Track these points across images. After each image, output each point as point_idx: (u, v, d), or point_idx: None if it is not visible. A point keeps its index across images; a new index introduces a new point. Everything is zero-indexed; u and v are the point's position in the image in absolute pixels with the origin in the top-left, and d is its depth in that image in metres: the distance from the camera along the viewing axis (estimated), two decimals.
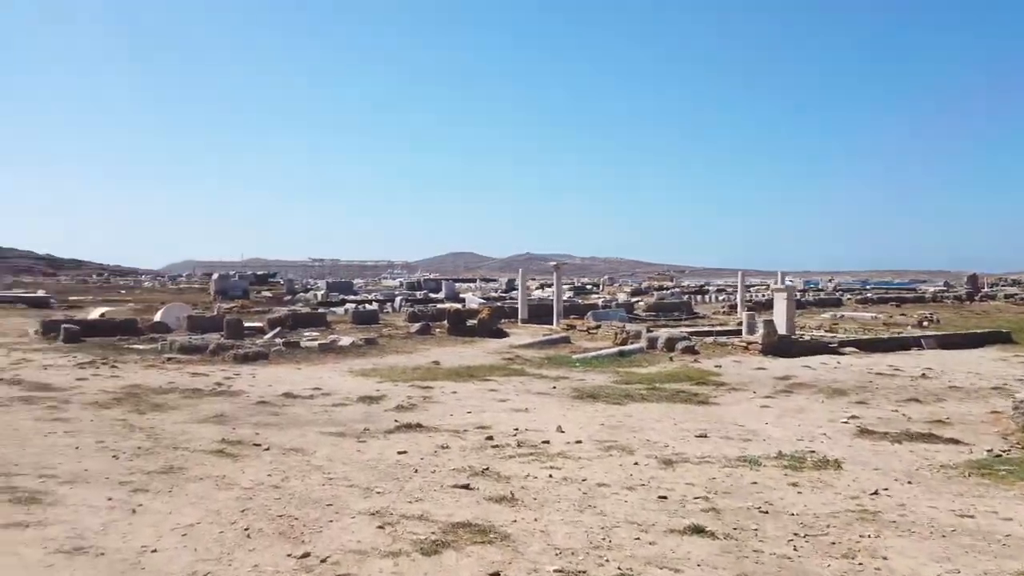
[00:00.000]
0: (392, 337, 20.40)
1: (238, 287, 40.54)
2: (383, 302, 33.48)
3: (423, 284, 49.15)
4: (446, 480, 6.41)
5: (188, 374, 13.24)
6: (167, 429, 8.51)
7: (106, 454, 7.01)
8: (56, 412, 9.35)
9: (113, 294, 47.33)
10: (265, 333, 20.38)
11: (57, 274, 77.37)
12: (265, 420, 9.34)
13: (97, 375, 12.72)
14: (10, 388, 11.12)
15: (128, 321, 19.54)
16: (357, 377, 13.69)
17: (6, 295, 32.50)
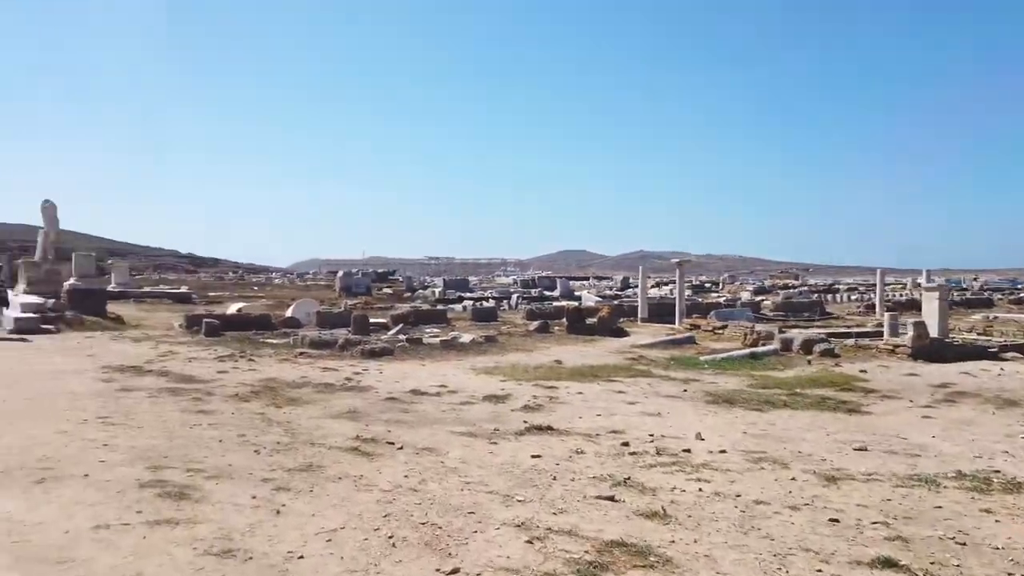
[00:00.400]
0: (511, 335, 20.25)
1: (361, 284, 41.80)
2: (499, 299, 33.53)
3: (537, 282, 49.05)
4: (588, 489, 6.01)
5: (319, 369, 13.51)
6: (303, 424, 8.56)
7: (248, 448, 7.06)
8: (200, 404, 9.64)
9: (247, 290, 50.04)
10: (389, 329, 20.72)
11: (198, 271, 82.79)
12: (396, 417, 9.27)
13: (236, 368, 13.18)
14: (158, 379, 11.65)
15: (262, 316, 20.35)
16: (480, 375, 13.54)
17: (154, 291, 34.88)
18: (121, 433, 7.60)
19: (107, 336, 17.64)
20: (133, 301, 30.34)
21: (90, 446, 6.90)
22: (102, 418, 8.41)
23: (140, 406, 9.36)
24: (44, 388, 10.47)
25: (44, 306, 19.54)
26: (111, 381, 11.29)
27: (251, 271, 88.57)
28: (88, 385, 10.88)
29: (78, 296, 21.94)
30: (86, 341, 16.44)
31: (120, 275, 34.12)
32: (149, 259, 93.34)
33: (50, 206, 23.21)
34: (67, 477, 5.77)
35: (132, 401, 9.70)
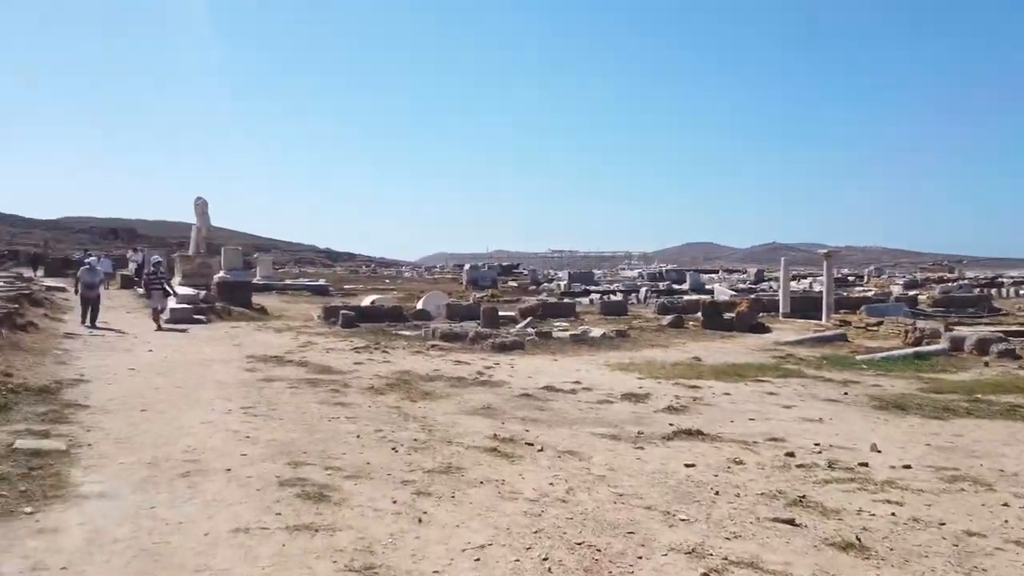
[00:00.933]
0: (643, 329, 19.40)
1: (487, 277, 41.98)
2: (627, 293, 32.57)
3: (665, 275, 47.52)
4: (759, 509, 5.25)
5: (451, 362, 13.30)
6: (439, 420, 8.25)
7: (385, 446, 6.79)
8: (337, 396, 9.57)
9: (380, 283, 51.60)
10: (517, 322, 20.41)
11: (334, 265, 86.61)
12: (532, 415, 8.80)
13: (371, 360, 13.19)
14: (298, 370, 11.78)
15: (395, 308, 20.58)
16: (615, 371, 12.88)
17: (294, 283, 36.48)
18: (262, 425, 7.55)
19: (252, 326, 18.34)
20: (276, 293, 31.80)
21: (233, 438, 6.85)
22: (245, 408, 8.45)
23: (281, 397, 9.40)
24: (194, 376, 10.79)
25: (197, 297, 20.64)
26: (254, 371, 11.52)
27: (383, 265, 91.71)
28: (233, 374, 11.14)
29: (226, 288, 23.08)
30: (233, 331, 17.13)
31: (264, 268, 35.90)
32: (290, 253, 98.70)
33: (202, 202, 24.59)
34: (210, 471, 5.67)
35: (273, 391, 9.78)
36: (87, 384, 9.82)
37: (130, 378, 10.47)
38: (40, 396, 8.56)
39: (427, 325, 18.87)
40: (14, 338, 12.20)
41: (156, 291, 17.87)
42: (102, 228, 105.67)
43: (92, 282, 17.63)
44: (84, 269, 18.43)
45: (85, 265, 19.16)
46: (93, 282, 17.70)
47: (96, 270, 18.78)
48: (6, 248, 56.70)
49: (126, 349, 13.43)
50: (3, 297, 16.99)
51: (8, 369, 9.81)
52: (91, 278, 17.72)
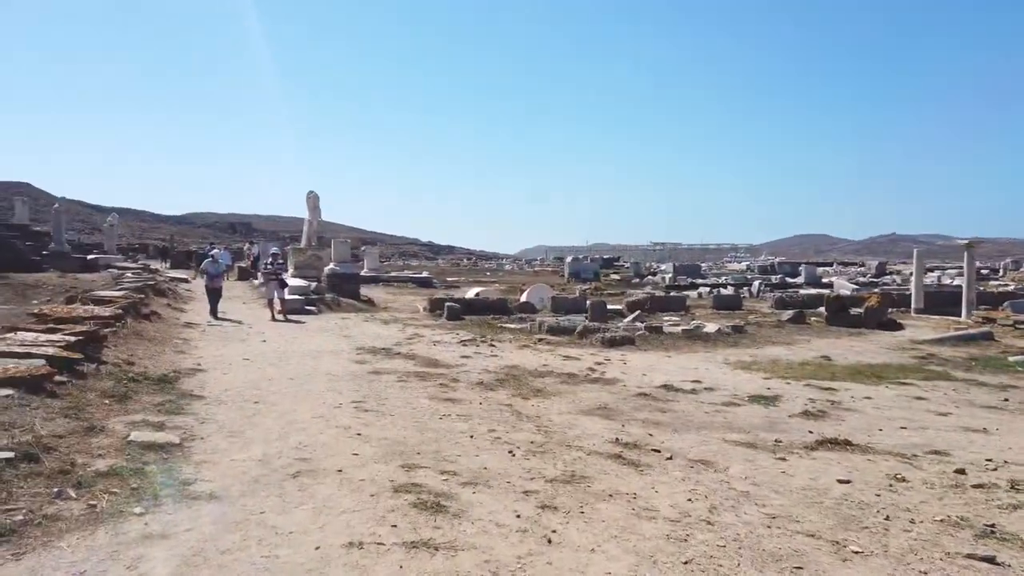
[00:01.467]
0: (761, 325, 18.22)
1: (589, 270, 41.18)
2: (737, 286, 31.06)
3: (778, 267, 45.25)
4: (943, 540, 4.42)
5: (560, 357, 12.76)
6: (554, 420, 7.72)
7: (501, 448, 6.31)
8: (447, 391, 9.21)
9: (481, 276, 51.79)
10: (624, 316, 19.66)
11: (436, 258, 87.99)
12: (653, 417, 8.13)
13: (478, 353, 12.83)
14: (406, 363, 11.54)
15: (499, 301, 20.24)
16: (737, 370, 11.98)
17: (399, 275, 36.96)
18: (373, 421, 7.24)
19: (360, 317, 18.43)
20: (382, 284, 32.24)
21: (344, 435, 6.55)
22: (356, 403, 8.20)
23: (390, 391, 9.12)
24: (306, 368, 10.72)
25: (308, 289, 21.00)
26: (364, 363, 11.36)
27: (482, 258, 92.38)
28: (343, 366, 11.01)
29: (336, 280, 23.44)
30: (342, 322, 17.23)
31: (371, 261, 36.53)
32: (394, 247, 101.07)
33: (313, 196, 25.10)
34: (321, 472, 5.34)
35: (383, 385, 9.53)
36: (204, 373, 9.88)
37: (244, 368, 10.51)
38: (159, 385, 8.61)
39: (532, 318, 18.42)
40: (138, 327, 12.57)
41: (272, 282, 18.09)
42: (222, 223, 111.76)
43: (216, 273, 17.91)
44: (208, 261, 18.72)
45: (209, 257, 19.56)
46: (217, 273, 17.97)
47: (219, 262, 19.02)
48: (137, 242, 60.57)
49: (241, 339, 13.64)
50: (131, 288, 17.76)
51: (131, 358, 10.01)
52: (215, 270, 17.98)
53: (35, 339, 8.90)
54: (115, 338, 11.03)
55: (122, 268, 24.64)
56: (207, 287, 17.65)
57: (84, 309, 12.13)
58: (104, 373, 8.67)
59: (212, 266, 18.15)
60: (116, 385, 8.18)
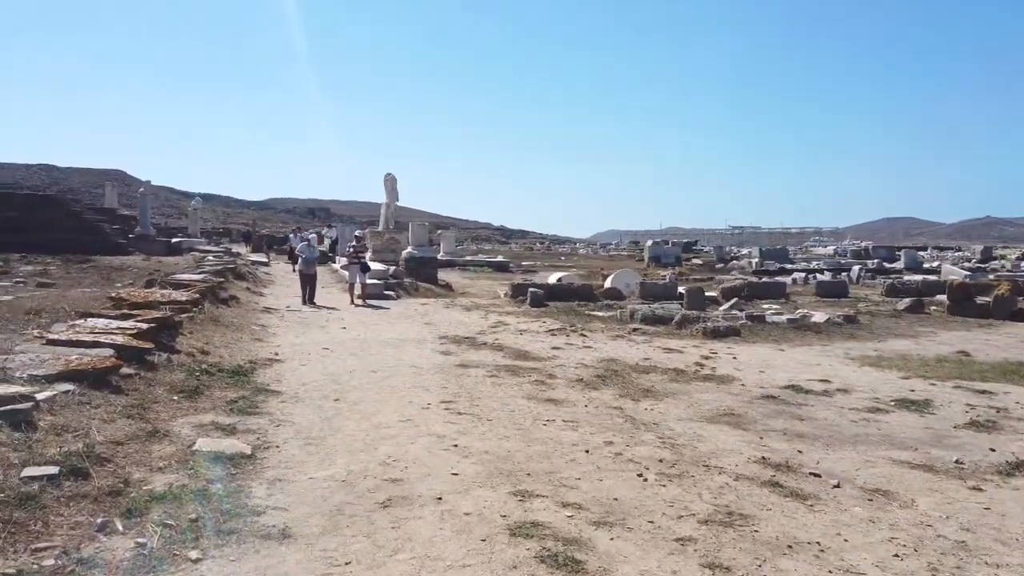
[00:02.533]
0: (874, 315, 16.46)
1: (671, 254, 39.44)
2: (835, 272, 28.90)
3: (872, 252, 42.38)
4: None
5: (660, 349, 11.52)
6: (676, 429, 6.54)
7: (627, 469, 5.18)
8: (545, 390, 8.14)
9: (555, 260, 50.59)
10: (719, 303, 18.19)
11: (508, 242, 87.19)
12: (792, 427, 6.85)
13: (570, 344, 11.72)
14: (494, 354, 10.54)
15: (584, 287, 19.05)
16: (864, 367, 10.49)
17: (475, 260, 36.14)
18: (469, 428, 6.22)
19: (440, 303, 17.58)
20: (458, 269, 31.48)
21: (438, 446, 5.55)
22: (446, 403, 7.22)
23: (482, 388, 8.11)
24: (388, 359, 9.85)
25: (386, 273, 20.31)
26: (449, 354, 10.42)
27: (556, 242, 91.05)
28: (428, 357, 10.09)
29: (413, 264, 22.72)
30: (422, 308, 16.40)
31: (447, 244, 35.84)
32: (467, 231, 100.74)
33: (391, 178, 24.42)
34: (416, 499, 4.34)
35: (472, 380, 8.53)
36: (281, 365, 9.11)
37: (324, 358, 9.71)
38: (233, 379, 7.84)
39: (620, 305, 17.21)
40: (215, 312, 11.97)
41: (354, 265, 17.22)
42: (302, 208, 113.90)
43: (312, 258, 16.86)
44: (303, 245, 17.65)
45: (304, 241, 18.32)
46: (313, 258, 16.93)
47: (314, 247, 17.93)
48: (221, 226, 61.86)
49: (321, 326, 12.92)
50: (211, 271, 17.38)
51: (206, 346, 9.32)
52: (311, 254, 16.98)
53: (106, 326, 8.27)
54: (191, 324, 10.40)
55: (204, 251, 24.62)
56: (301, 272, 16.74)
57: (161, 294, 11.60)
58: (176, 364, 7.96)
59: (308, 250, 17.21)
60: (188, 378, 7.44)
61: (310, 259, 16.90)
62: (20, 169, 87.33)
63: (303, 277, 16.64)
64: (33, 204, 22.33)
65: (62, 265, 20.35)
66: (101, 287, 15.54)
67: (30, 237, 22.07)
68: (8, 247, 21.74)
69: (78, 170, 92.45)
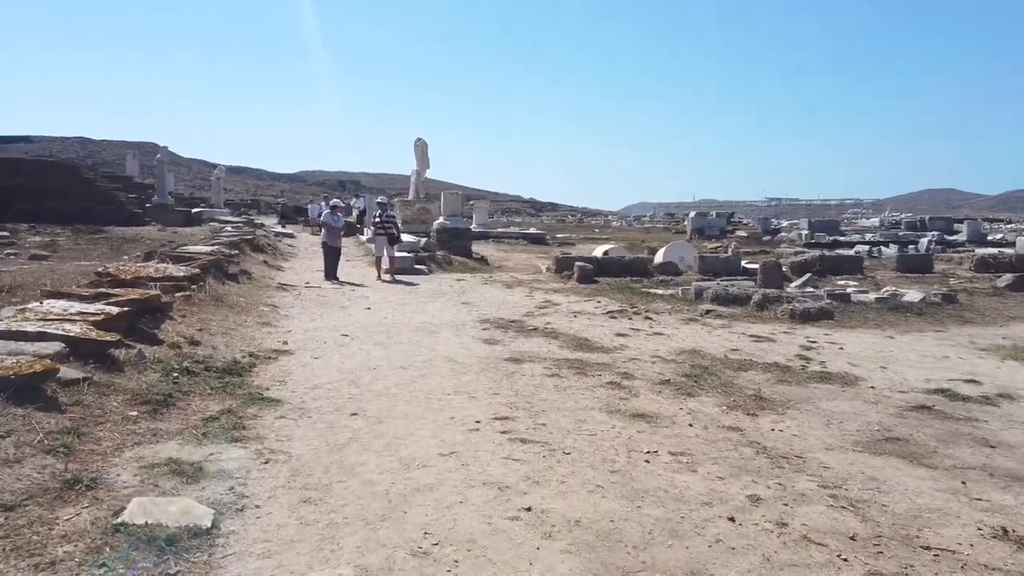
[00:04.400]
0: (971, 293, 14.15)
1: (715, 226, 36.99)
2: (901, 244, 26.33)
3: (928, 224, 39.47)
4: None
5: (746, 337, 9.43)
6: (834, 468, 4.49)
7: (812, 561, 3.16)
8: (626, 396, 6.13)
9: (590, 232, 48.25)
10: (789, 279, 15.97)
11: (539, 214, 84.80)
12: (990, 460, 4.76)
13: (635, 330, 9.68)
14: (549, 343, 8.54)
15: (637, 261, 16.91)
16: (1007, 360, 8.34)
17: (510, 232, 34.08)
18: (542, 469, 4.23)
19: (476, 279, 15.60)
20: (492, 241, 29.47)
21: (500, 509, 3.58)
22: (501, 420, 5.25)
23: (543, 393, 6.14)
24: (420, 349, 7.91)
25: (417, 245, 18.37)
26: (494, 343, 8.45)
27: (587, 214, 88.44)
28: (469, 347, 8.14)
29: (446, 235, 20.75)
30: (457, 284, 14.44)
31: (480, 216, 33.77)
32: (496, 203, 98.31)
33: (421, 143, 22.39)
34: None
35: (529, 382, 6.55)
36: (288, 358, 7.22)
37: (342, 349, 7.80)
38: (222, 381, 5.95)
39: (678, 281, 15.12)
40: (220, 290, 10.12)
41: (380, 237, 15.21)
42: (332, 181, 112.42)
43: (337, 228, 14.97)
44: (327, 213, 15.55)
45: (327, 209, 16.13)
46: (338, 228, 15.04)
47: (339, 215, 15.79)
48: (250, 198, 60.52)
49: (342, 306, 11.03)
50: (226, 242, 15.58)
51: (198, 334, 7.45)
52: (336, 223, 15.03)
53: (64, 311, 6.43)
54: (186, 305, 8.55)
55: (224, 222, 22.90)
56: (324, 244, 14.78)
57: (156, 268, 9.76)
58: (152, 360, 6.09)
59: (332, 219, 15.12)
60: (161, 381, 5.57)
61: (336, 228, 14.95)
62: (56, 141, 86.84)
63: (326, 249, 14.70)
64: (43, 171, 20.74)
65: (72, 236, 18.73)
66: (105, 260, 13.84)
67: (43, 206, 20.49)
68: (20, 216, 20.21)
69: (112, 143, 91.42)
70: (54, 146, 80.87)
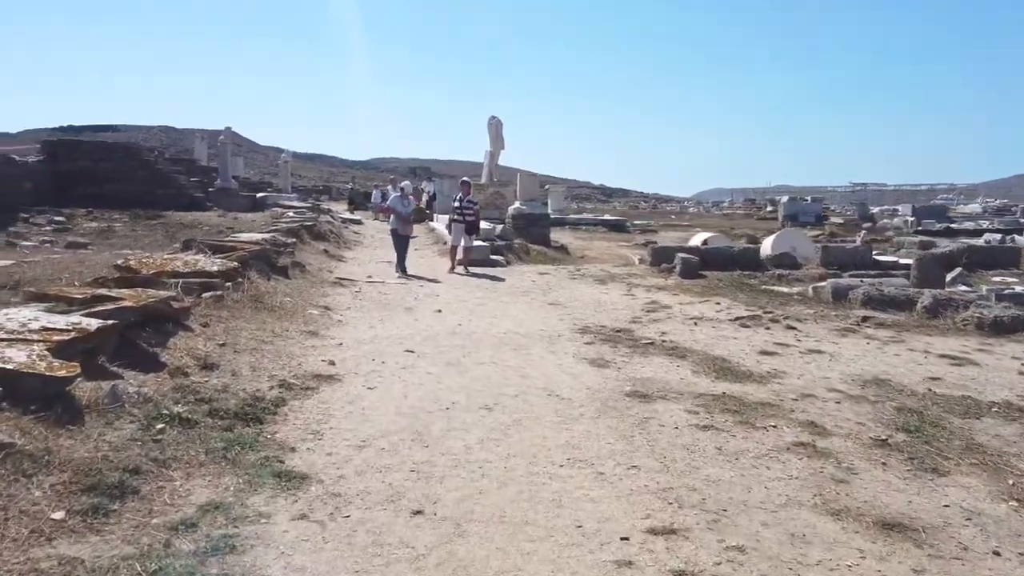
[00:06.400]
0: None
1: (810, 212, 33.72)
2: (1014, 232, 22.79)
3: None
4: None
5: (933, 356, 6.95)
6: None
7: None
8: (840, 477, 3.86)
9: (666, 219, 45.25)
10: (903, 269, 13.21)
11: (610, 200, 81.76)
12: None
13: (782, 345, 7.31)
14: (677, 366, 6.29)
15: (746, 252, 14.36)
16: None
17: (587, 218, 31.70)
18: None
19: (561, 272, 13.40)
20: (568, 228, 27.18)
21: None
22: (663, 533, 3.07)
23: (709, 467, 3.92)
24: (508, 376, 5.80)
25: (492, 233, 16.31)
26: (604, 364, 6.26)
27: (660, 200, 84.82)
28: (572, 370, 5.99)
29: (522, 222, 18.62)
30: (540, 279, 12.27)
31: (555, 201, 31.42)
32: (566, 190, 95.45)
33: (496, 121, 20.32)
34: None
35: (675, 439, 4.36)
36: (332, 388, 5.23)
37: (404, 373, 5.76)
38: (231, 434, 3.99)
39: (800, 277, 12.65)
40: (262, 288, 8.25)
41: (458, 224, 13.06)
42: (403, 167, 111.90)
43: (407, 213, 13.01)
44: (396, 197, 13.53)
45: (395, 193, 13.97)
46: (407, 213, 13.06)
47: (409, 199, 13.80)
48: (322, 184, 59.94)
49: (407, 307, 9.03)
50: (284, 229, 13.88)
51: (217, 351, 5.53)
52: (405, 208, 13.04)
53: (23, 325, 4.56)
54: (214, 309, 6.70)
55: (288, 207, 21.41)
56: (393, 232, 12.83)
57: (184, 261, 7.95)
58: (135, 399, 4.18)
59: (401, 204, 13.08)
60: (133, 441, 3.66)
61: (405, 214, 12.93)
62: (141, 130, 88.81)
63: (396, 238, 12.72)
64: (103, 154, 19.62)
65: (129, 221, 17.45)
66: (156, 248, 12.29)
67: (103, 189, 19.35)
68: (80, 200, 19.12)
69: (193, 131, 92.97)
70: (139, 134, 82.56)
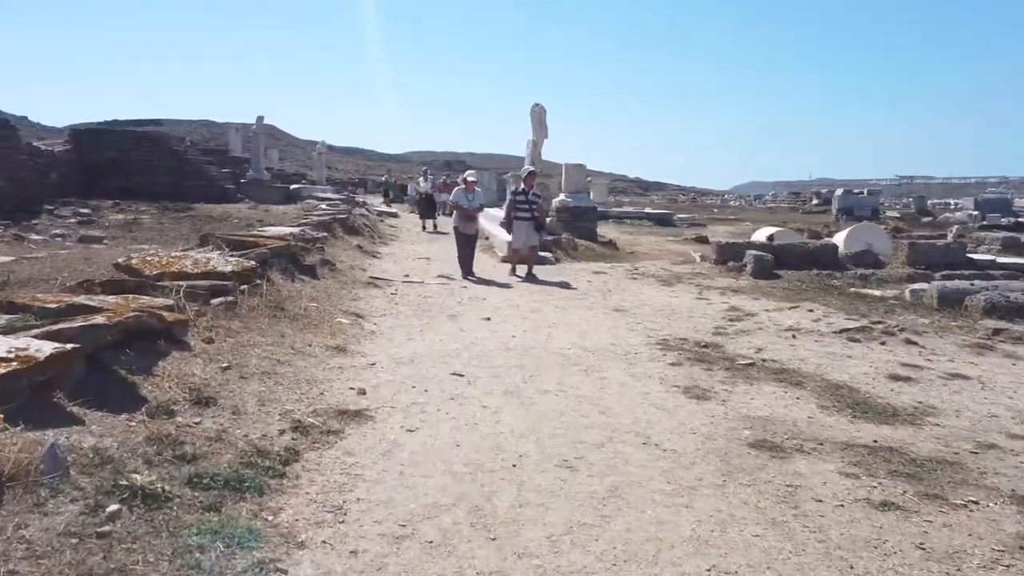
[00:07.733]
0: None
1: (865, 205, 31.65)
2: None
3: None
4: None
5: None
6: None
7: None
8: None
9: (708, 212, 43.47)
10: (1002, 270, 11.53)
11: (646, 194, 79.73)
12: None
13: (912, 367, 5.84)
14: (795, 397, 4.88)
15: (822, 249, 12.75)
16: None
17: (631, 211, 30.16)
18: None
19: (618, 271, 12.00)
20: (612, 222, 25.72)
21: None
22: None
23: None
24: (584, 409, 4.47)
25: None
26: (703, 396, 4.88)
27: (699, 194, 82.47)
28: (665, 405, 4.63)
29: (567, 215, 17.25)
30: (596, 279, 10.89)
31: (598, 194, 29.91)
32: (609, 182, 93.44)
33: (539, 109, 18.93)
34: None
35: (847, 532, 2.98)
36: (362, 432, 3.95)
37: (453, 407, 4.46)
38: (209, 522, 2.72)
39: (883, 276, 11.14)
40: (285, 290, 7.03)
41: (521, 221, 10.94)
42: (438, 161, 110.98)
43: (472, 208, 10.99)
44: (459, 190, 11.26)
45: (460, 186, 11.61)
46: (473, 208, 11.03)
47: (476, 191, 11.36)
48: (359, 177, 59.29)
49: (451, 314, 7.74)
50: (315, 223, 12.73)
51: (218, 378, 4.30)
52: (469, 203, 10.96)
53: None
54: (223, 319, 5.48)
55: (321, 199, 20.35)
56: (457, 231, 10.97)
57: (194, 261, 6.75)
58: (85, 463, 2.93)
59: (465, 198, 10.99)
60: (62, 542, 2.37)
61: (470, 209, 10.97)
62: (183, 124, 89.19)
63: (459, 238, 10.89)
64: (132, 144, 18.73)
65: (157, 213, 16.53)
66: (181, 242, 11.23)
67: (132, 181, 18.46)
68: (108, 192, 18.26)
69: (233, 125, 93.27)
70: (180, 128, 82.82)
